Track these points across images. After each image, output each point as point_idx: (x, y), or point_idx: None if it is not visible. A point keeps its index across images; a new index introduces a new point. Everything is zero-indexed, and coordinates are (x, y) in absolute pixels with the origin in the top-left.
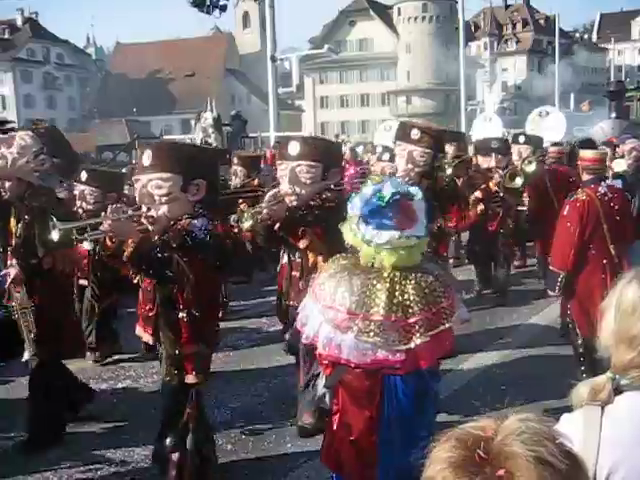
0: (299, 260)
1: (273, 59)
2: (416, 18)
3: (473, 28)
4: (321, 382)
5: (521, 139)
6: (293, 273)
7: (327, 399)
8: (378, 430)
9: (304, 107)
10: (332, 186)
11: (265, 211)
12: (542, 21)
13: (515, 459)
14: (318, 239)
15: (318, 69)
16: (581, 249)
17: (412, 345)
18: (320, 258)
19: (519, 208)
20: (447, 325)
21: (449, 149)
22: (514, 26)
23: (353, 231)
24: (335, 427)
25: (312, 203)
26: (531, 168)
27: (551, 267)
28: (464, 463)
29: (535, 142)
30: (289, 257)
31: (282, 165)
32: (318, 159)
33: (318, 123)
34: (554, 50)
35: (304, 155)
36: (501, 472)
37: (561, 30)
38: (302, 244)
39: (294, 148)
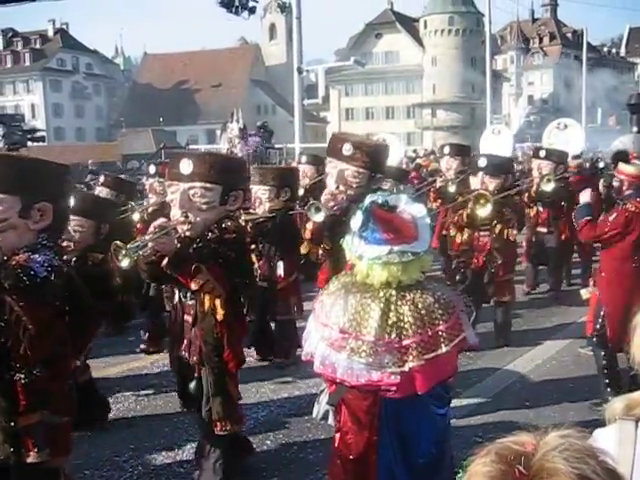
0: (191, 302)
1: (299, 70)
2: (442, 31)
3: (499, 41)
4: (325, 398)
5: (542, 153)
6: (185, 317)
7: (330, 416)
8: (377, 451)
9: (329, 119)
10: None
11: (150, 244)
12: (570, 35)
13: (558, 476)
14: (215, 279)
15: (344, 81)
16: (619, 256)
17: (406, 368)
18: (218, 302)
19: (539, 229)
20: (444, 349)
21: (452, 164)
22: (541, 40)
23: (349, 246)
24: (337, 445)
25: (208, 234)
26: (549, 187)
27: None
28: (503, 478)
29: (558, 157)
30: (180, 298)
31: (172, 187)
32: (216, 180)
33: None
34: (581, 64)
35: (199, 175)
36: None
37: (589, 44)
38: (194, 285)
39: (186, 166)
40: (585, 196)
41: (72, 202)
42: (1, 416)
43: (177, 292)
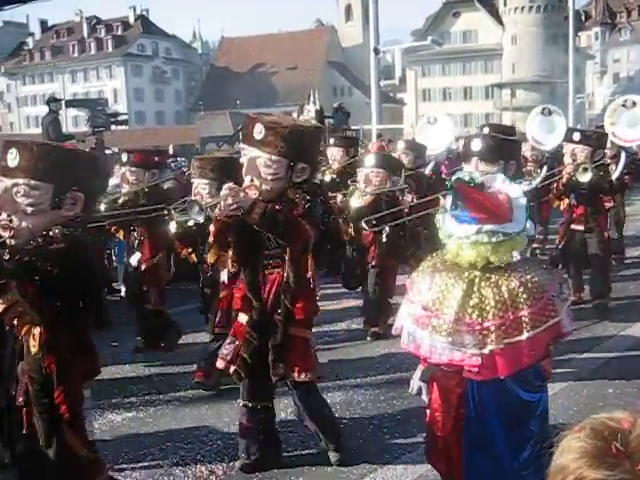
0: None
1: (376, 51)
2: (523, 8)
3: (584, 17)
4: (417, 374)
5: (576, 136)
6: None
7: (423, 392)
8: (463, 431)
9: (406, 100)
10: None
11: None
12: None
13: None
14: (28, 303)
15: (421, 62)
16: None
17: (486, 350)
18: (35, 330)
19: (574, 227)
20: (525, 335)
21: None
22: (629, 14)
23: (440, 226)
24: (427, 421)
25: (31, 244)
26: (586, 178)
27: None
28: (599, 454)
29: (597, 141)
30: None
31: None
32: (44, 177)
33: (420, 116)
34: None
35: (24, 169)
36: None
37: None
38: None
39: (12, 157)
40: None
41: None
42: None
43: None
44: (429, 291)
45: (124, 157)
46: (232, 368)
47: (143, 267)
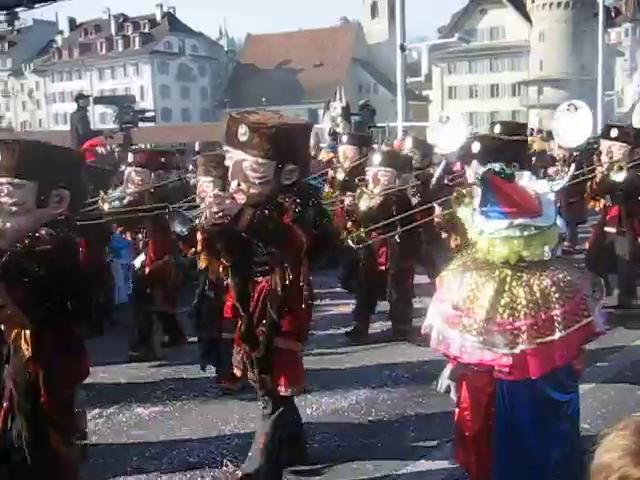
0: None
1: (402, 48)
2: (551, 4)
3: (613, 14)
4: (446, 373)
5: (613, 133)
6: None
7: (452, 391)
8: (492, 430)
9: (431, 97)
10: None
11: None
12: None
13: None
14: (17, 306)
15: (447, 59)
16: None
17: (518, 350)
18: (25, 333)
19: (607, 229)
20: (557, 335)
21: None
22: None
23: (469, 223)
24: (456, 419)
25: (17, 246)
26: (620, 177)
27: None
28: None
29: (636, 138)
30: None
31: None
32: (27, 175)
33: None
34: None
35: (6, 168)
36: None
37: None
38: None
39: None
40: None
41: None
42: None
43: None
44: (459, 290)
45: (130, 157)
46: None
47: (147, 269)
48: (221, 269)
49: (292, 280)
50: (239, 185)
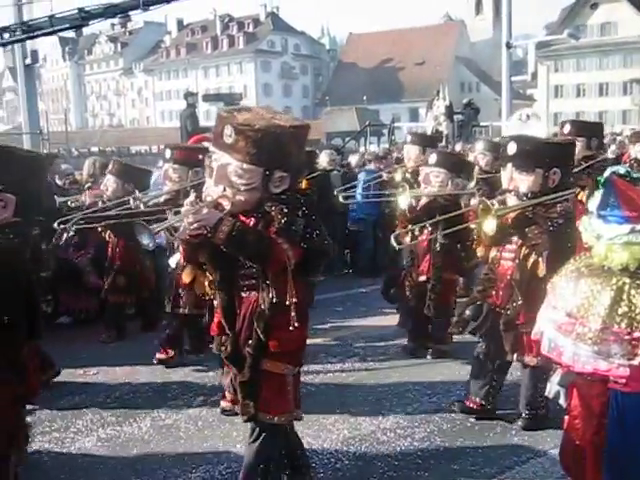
0: None
1: (508, 46)
2: None
3: None
4: (556, 379)
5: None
6: None
7: (562, 397)
8: (603, 441)
9: (536, 96)
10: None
11: None
12: None
13: None
14: None
15: (553, 56)
16: None
17: (636, 362)
18: None
19: None
20: None
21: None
22: None
23: (586, 227)
24: (565, 427)
25: None
26: None
27: None
28: None
29: None
30: None
31: None
32: None
33: (551, 113)
34: None
35: None
36: None
37: None
38: None
39: None
40: None
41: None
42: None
43: None
44: (573, 297)
45: (167, 153)
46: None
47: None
48: (206, 283)
49: (278, 296)
50: (224, 190)
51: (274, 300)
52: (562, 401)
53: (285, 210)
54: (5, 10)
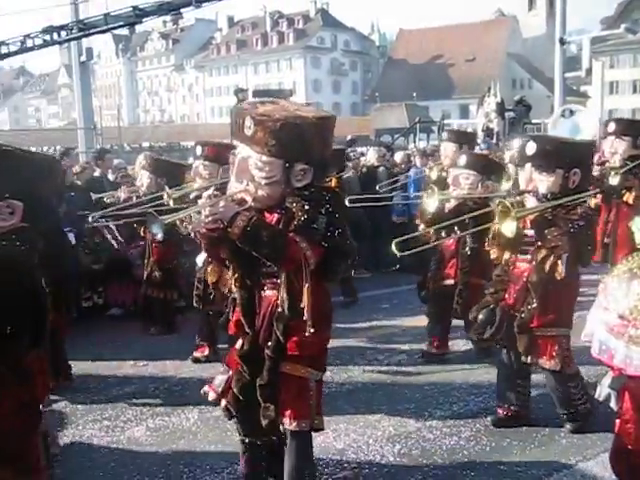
0: None
1: (562, 41)
2: None
3: None
4: (607, 381)
5: None
6: None
7: (613, 400)
8: None
9: (590, 93)
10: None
11: None
12: None
13: None
14: None
15: (609, 52)
16: None
17: None
18: None
19: None
20: None
21: (620, 145)
22: None
23: (638, 228)
24: (617, 431)
25: None
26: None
27: None
28: None
29: None
30: None
31: None
32: None
33: (606, 110)
34: None
35: None
36: None
37: None
38: None
39: None
40: None
41: None
42: None
43: None
44: (625, 298)
45: (198, 150)
46: (223, 402)
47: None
48: (233, 281)
49: (293, 300)
50: (247, 185)
51: (287, 302)
52: (613, 404)
53: (306, 207)
54: (62, 9)
